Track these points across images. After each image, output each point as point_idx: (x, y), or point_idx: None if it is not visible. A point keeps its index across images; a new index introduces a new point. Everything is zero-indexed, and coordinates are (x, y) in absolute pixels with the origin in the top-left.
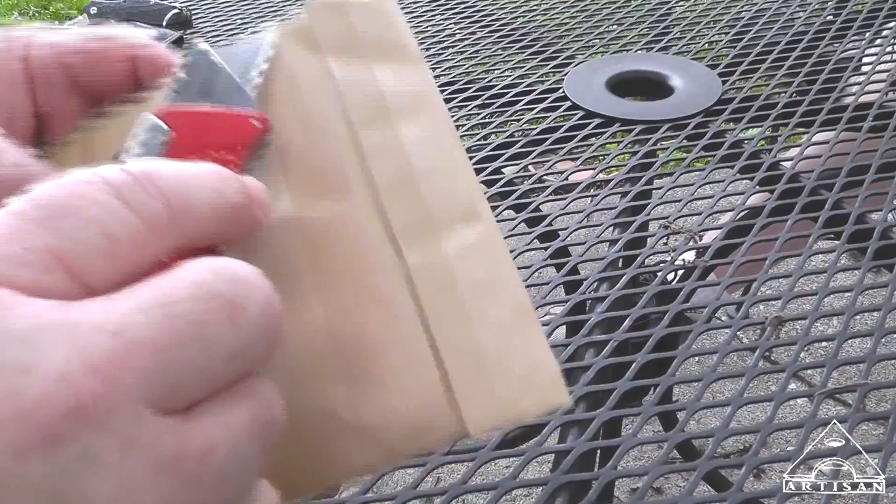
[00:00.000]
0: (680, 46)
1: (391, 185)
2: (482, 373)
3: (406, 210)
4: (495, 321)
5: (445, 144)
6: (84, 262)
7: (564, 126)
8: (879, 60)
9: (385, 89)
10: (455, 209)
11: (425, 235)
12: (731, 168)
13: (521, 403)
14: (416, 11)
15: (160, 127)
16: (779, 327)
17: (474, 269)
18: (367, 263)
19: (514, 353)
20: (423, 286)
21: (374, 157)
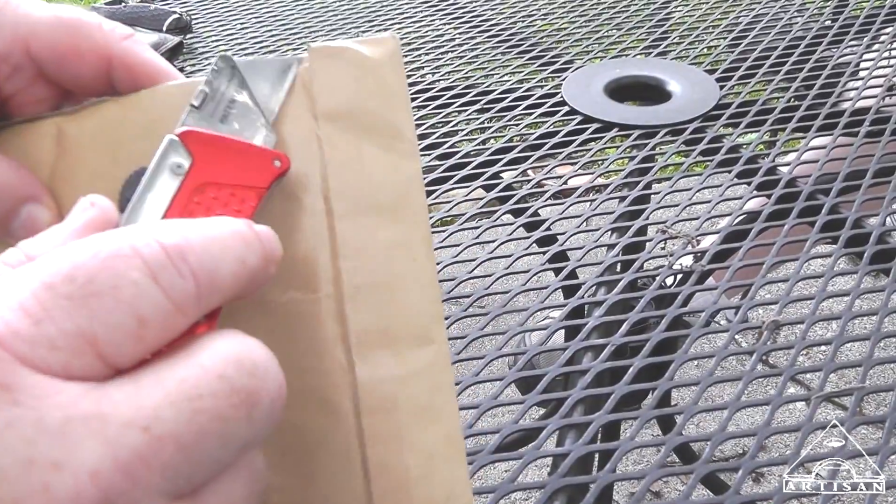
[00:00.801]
0: (678, 51)
1: (357, 289)
2: (403, 496)
3: (366, 319)
4: (425, 448)
5: (418, 255)
6: (114, 346)
7: (563, 131)
8: (876, 65)
9: (372, 180)
10: (413, 329)
11: (379, 351)
12: (728, 173)
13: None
14: (415, 16)
15: (183, 152)
16: (776, 331)
17: (417, 395)
18: (319, 364)
19: (436, 482)
20: (366, 402)
21: (346, 255)
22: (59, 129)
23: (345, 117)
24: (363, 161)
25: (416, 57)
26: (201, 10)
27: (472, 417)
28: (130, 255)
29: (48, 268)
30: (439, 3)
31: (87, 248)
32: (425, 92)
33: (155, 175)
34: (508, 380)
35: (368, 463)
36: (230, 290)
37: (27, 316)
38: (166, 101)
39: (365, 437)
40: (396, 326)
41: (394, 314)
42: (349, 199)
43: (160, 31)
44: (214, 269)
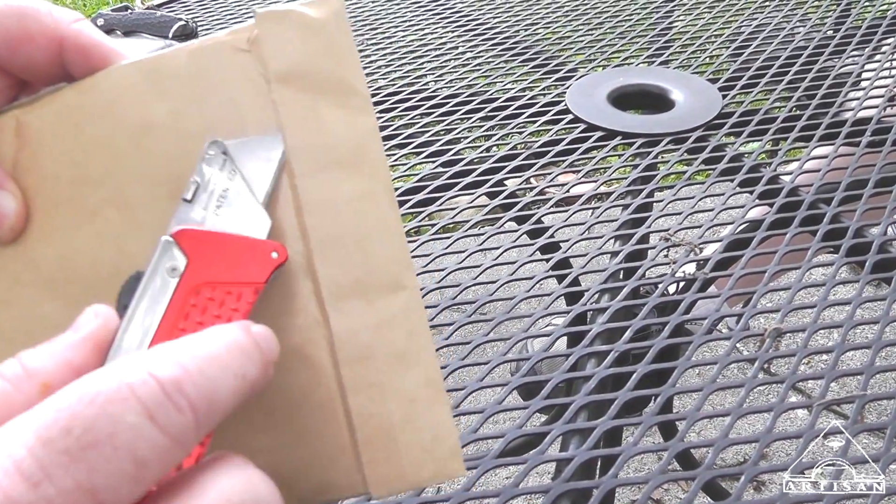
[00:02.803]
0: (681, 60)
1: (325, 243)
2: (388, 442)
3: (336, 272)
4: (406, 393)
5: (382, 206)
6: (113, 492)
7: (566, 139)
8: (878, 76)
9: (329, 137)
10: (383, 277)
11: (352, 301)
12: (731, 181)
13: (421, 473)
14: (419, 24)
15: (177, 253)
16: (778, 339)
17: (394, 341)
18: (295, 322)
19: (419, 425)
20: (344, 353)
21: (310, 211)
22: (17, 121)
23: (297, 78)
24: (319, 119)
25: (419, 65)
26: (206, 16)
27: (476, 422)
28: (126, 397)
29: (43, 418)
30: (443, 11)
31: (81, 392)
32: (429, 99)
33: (151, 280)
34: (512, 385)
35: (351, 413)
36: (230, 408)
37: (24, 480)
38: (122, 80)
39: (345, 387)
40: (367, 276)
41: (363, 264)
42: (308, 157)
43: (166, 38)
44: (213, 393)
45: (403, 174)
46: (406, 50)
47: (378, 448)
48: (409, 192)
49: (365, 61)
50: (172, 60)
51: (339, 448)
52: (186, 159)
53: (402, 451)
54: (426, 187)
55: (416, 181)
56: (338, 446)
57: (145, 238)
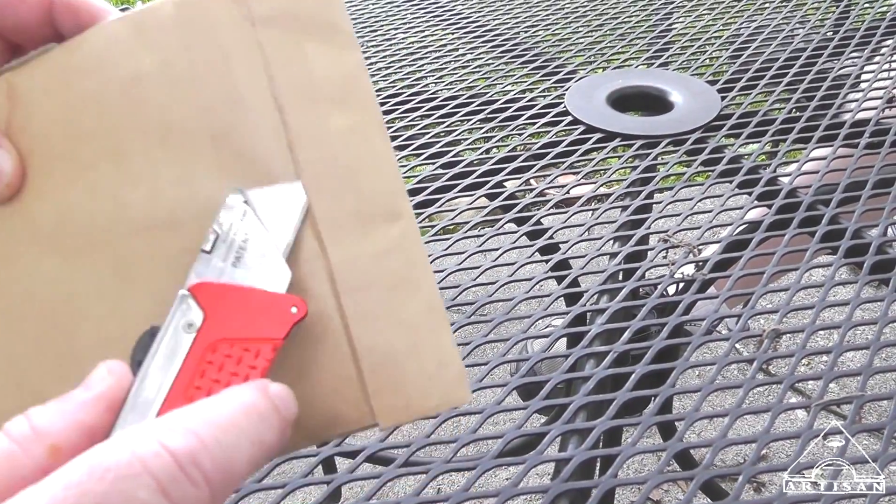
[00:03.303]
0: (680, 62)
1: (318, 176)
2: (394, 371)
3: (331, 204)
4: (409, 321)
5: (373, 137)
6: None
7: (566, 140)
8: (876, 77)
9: (316, 74)
10: (379, 206)
11: (348, 232)
12: (729, 183)
13: (428, 401)
14: (419, 26)
15: (194, 307)
16: (776, 340)
17: (392, 269)
18: (293, 255)
19: (424, 352)
20: (343, 283)
21: (302, 146)
22: (8, 83)
23: (281, 19)
24: (305, 57)
25: (419, 67)
26: None
27: (475, 423)
28: (138, 472)
29: (52, 494)
30: (443, 13)
31: (91, 465)
32: (429, 101)
33: (166, 336)
34: (511, 386)
35: (355, 343)
36: (246, 475)
37: None
38: (110, 36)
39: (348, 317)
40: (362, 206)
41: (358, 195)
42: (297, 94)
43: None
44: (229, 462)
45: (403, 176)
46: (406, 52)
47: (384, 377)
48: (408, 193)
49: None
50: (159, 12)
51: (345, 379)
52: (176, 107)
53: (409, 379)
54: (426, 189)
55: (416, 183)
56: (343, 378)
57: (140, 187)
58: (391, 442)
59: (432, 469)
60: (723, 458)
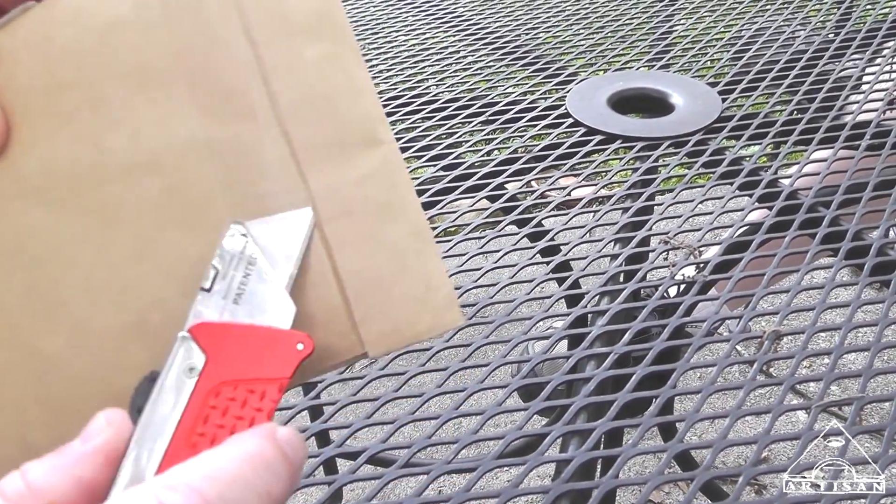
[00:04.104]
0: (681, 64)
1: (294, 107)
2: (380, 296)
3: (310, 133)
4: (393, 245)
5: (350, 66)
6: None
7: (567, 142)
8: (877, 79)
9: (289, 6)
10: (357, 133)
11: (327, 160)
12: (730, 185)
13: (417, 325)
14: (420, 28)
15: (195, 350)
16: (777, 341)
17: (374, 194)
18: (275, 186)
19: (411, 276)
20: (325, 212)
21: (277, 77)
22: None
23: None
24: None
25: (421, 69)
26: None
27: (476, 424)
28: None
29: None
30: (444, 15)
31: None
32: (430, 103)
33: (167, 381)
34: (512, 387)
35: (339, 270)
36: None
37: None
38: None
39: (331, 244)
40: (341, 134)
41: (336, 123)
42: (269, 27)
43: None
44: None
45: None
46: (408, 54)
47: (371, 304)
48: None
49: (366, 65)
50: None
51: (331, 308)
52: (152, 51)
53: (396, 304)
54: (427, 191)
55: (417, 185)
56: (329, 307)
57: (119, 132)
58: (392, 443)
59: (433, 470)
60: (724, 459)
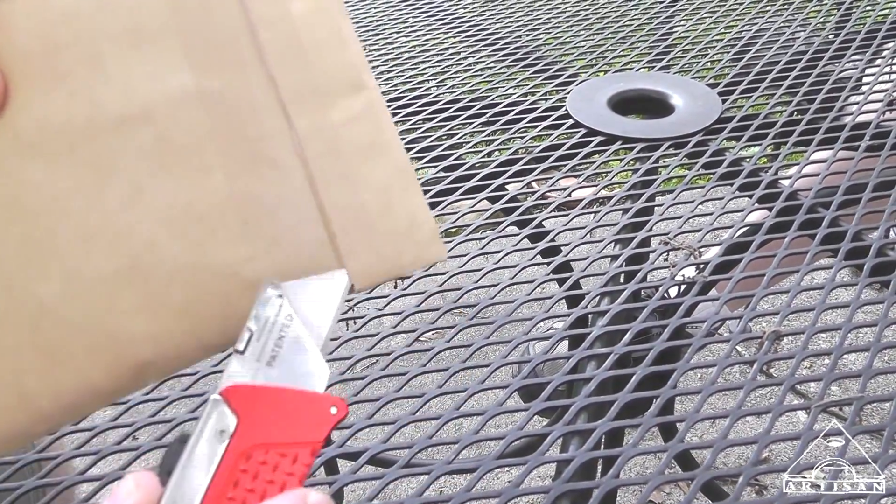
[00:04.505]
0: (681, 65)
1: (281, 56)
2: (365, 231)
3: (295, 79)
4: (378, 183)
5: (334, 17)
6: None
7: (567, 143)
8: (877, 80)
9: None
10: (342, 79)
11: (313, 104)
12: (730, 186)
13: (401, 258)
14: (421, 30)
15: (227, 412)
16: (777, 342)
17: (359, 135)
18: (260, 130)
19: (395, 212)
20: (311, 150)
21: (264, 28)
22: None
23: None
24: None
25: (422, 70)
26: None
27: (477, 424)
28: None
29: None
30: (445, 16)
31: None
32: (431, 105)
33: (198, 443)
34: (513, 388)
35: (324, 206)
36: None
37: None
38: None
39: (316, 182)
40: (326, 80)
41: (321, 70)
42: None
43: None
44: None
45: None
46: (408, 56)
47: (356, 238)
48: None
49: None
50: None
51: (318, 244)
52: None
53: (381, 238)
54: (428, 192)
55: None
56: (316, 242)
57: (114, 87)
58: (393, 443)
59: (434, 470)
60: (724, 459)
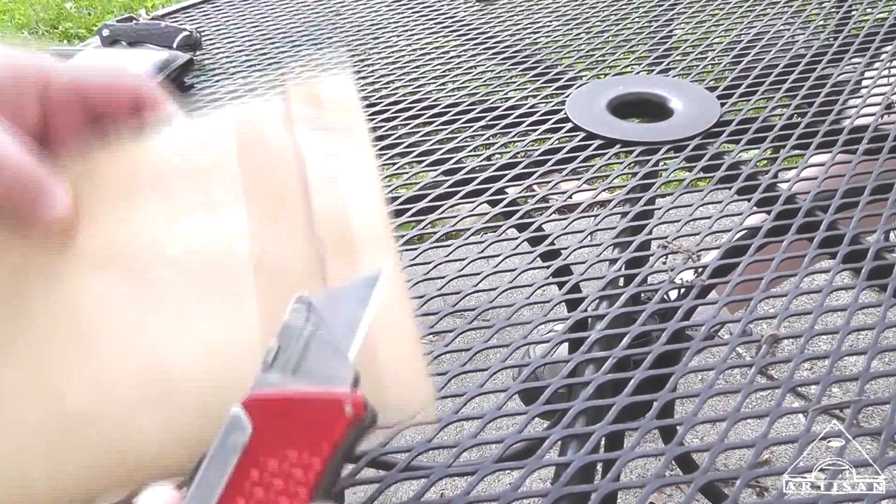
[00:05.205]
0: (680, 69)
1: (326, 217)
2: (372, 380)
3: (333, 237)
4: (391, 339)
5: (373, 195)
6: None
7: (567, 147)
8: (875, 83)
9: (337, 165)
10: (369, 240)
11: (346, 259)
12: (729, 189)
13: (395, 412)
14: (420, 33)
15: (242, 424)
16: (775, 344)
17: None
18: (299, 277)
19: (401, 368)
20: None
21: (315, 194)
22: (88, 162)
23: (317, 127)
24: (330, 154)
25: (421, 74)
26: (210, 27)
27: (476, 428)
28: None
29: None
30: (444, 20)
31: None
32: (431, 108)
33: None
34: (512, 391)
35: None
36: None
37: None
38: (164, 149)
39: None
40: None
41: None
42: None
43: (170, 48)
44: None
45: (405, 182)
46: (408, 59)
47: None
48: (410, 200)
49: (367, 70)
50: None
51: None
52: (223, 172)
53: (384, 388)
54: (427, 196)
55: (417, 190)
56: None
57: (176, 227)
58: (393, 446)
59: (434, 473)
60: (726, 462)
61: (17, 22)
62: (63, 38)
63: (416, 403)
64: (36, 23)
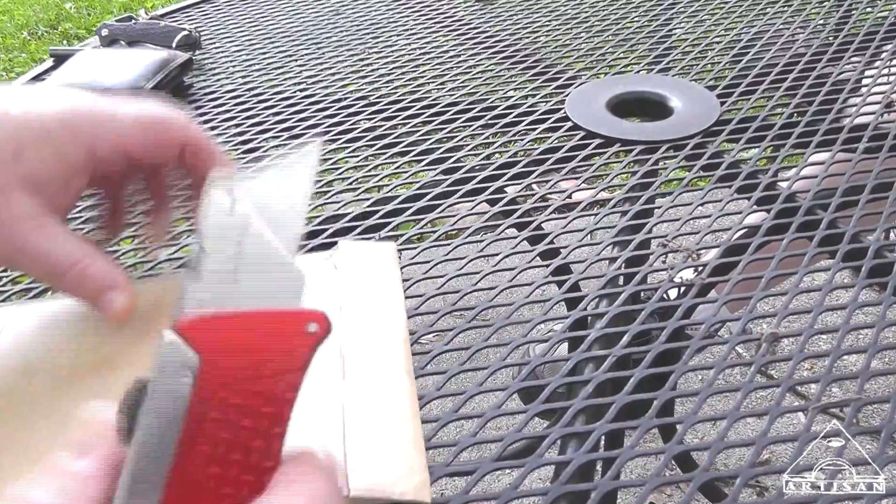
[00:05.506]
0: (680, 68)
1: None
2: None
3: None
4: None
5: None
6: None
7: (566, 146)
8: (875, 82)
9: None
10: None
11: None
12: (729, 188)
13: (394, 487)
14: (420, 32)
15: (185, 352)
16: (775, 343)
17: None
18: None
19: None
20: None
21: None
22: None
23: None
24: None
25: (421, 73)
26: (210, 26)
27: (476, 427)
28: None
29: None
30: (444, 19)
31: None
32: (430, 107)
33: (157, 392)
34: (512, 390)
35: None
36: None
37: None
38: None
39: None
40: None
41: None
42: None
43: (170, 48)
44: None
45: (405, 182)
46: (408, 58)
47: (362, 461)
48: (410, 199)
49: (367, 70)
50: None
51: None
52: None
53: (383, 468)
54: (427, 195)
55: (417, 188)
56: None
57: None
58: None
59: (433, 472)
60: (726, 461)
61: (17, 22)
62: (63, 39)
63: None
64: (35, 23)
